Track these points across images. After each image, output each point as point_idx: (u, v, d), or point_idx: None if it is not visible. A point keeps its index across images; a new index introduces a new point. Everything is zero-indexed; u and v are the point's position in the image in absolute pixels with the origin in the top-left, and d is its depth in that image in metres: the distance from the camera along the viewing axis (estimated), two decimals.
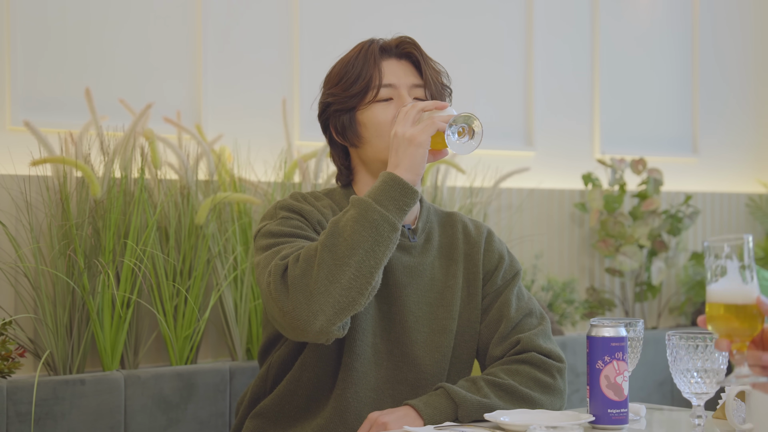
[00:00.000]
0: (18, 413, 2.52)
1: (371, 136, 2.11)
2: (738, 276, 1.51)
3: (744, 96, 4.86)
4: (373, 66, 2.11)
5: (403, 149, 1.96)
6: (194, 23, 3.26)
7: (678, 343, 1.85)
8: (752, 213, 4.71)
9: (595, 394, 1.93)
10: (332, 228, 1.91)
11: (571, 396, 3.52)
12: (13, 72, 2.93)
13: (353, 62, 2.13)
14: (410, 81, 2.13)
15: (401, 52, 2.15)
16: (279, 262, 1.93)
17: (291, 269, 1.90)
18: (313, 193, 2.17)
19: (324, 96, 2.17)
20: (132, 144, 2.86)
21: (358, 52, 2.14)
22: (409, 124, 1.98)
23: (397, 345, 2.10)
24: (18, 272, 2.81)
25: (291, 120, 3.42)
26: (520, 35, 4.10)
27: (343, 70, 2.13)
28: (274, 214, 2.09)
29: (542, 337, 2.15)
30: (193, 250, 2.95)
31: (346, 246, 1.88)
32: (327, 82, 2.18)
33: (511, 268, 2.22)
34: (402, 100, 2.10)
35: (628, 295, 4.24)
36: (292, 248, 1.97)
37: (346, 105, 2.12)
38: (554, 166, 4.17)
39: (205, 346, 3.13)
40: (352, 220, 1.91)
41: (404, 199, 1.93)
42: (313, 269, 1.88)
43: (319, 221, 2.08)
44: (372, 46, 2.14)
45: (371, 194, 1.94)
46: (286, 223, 2.05)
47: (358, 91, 2.10)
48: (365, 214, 1.90)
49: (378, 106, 2.10)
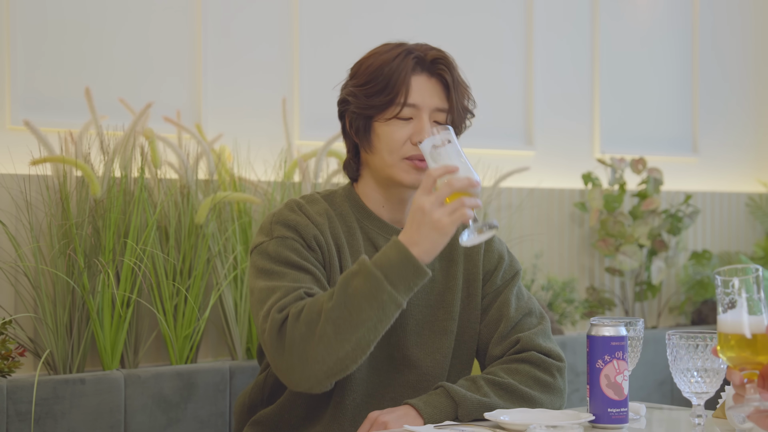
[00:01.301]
0: (18, 412, 2.52)
1: (382, 149, 2.07)
2: (747, 307, 1.54)
3: (744, 95, 4.86)
4: (402, 81, 2.04)
5: (427, 231, 1.88)
6: (194, 22, 3.26)
7: (678, 342, 1.85)
8: (752, 212, 4.71)
9: (595, 394, 1.93)
10: (339, 297, 1.87)
11: (571, 395, 3.52)
12: (13, 71, 2.93)
13: (384, 69, 2.06)
14: (435, 104, 2.07)
15: (434, 71, 2.08)
16: (276, 316, 1.91)
17: (290, 329, 1.89)
18: (311, 197, 2.14)
19: (347, 90, 2.11)
20: (132, 143, 2.86)
21: (393, 59, 2.06)
22: (436, 201, 1.87)
23: (397, 349, 2.10)
24: (18, 271, 2.81)
25: (291, 119, 3.41)
26: (520, 34, 4.10)
27: (372, 74, 2.07)
28: (270, 230, 2.05)
29: (542, 337, 2.14)
30: (193, 250, 2.95)
31: (350, 322, 1.86)
32: (354, 75, 2.11)
33: (511, 268, 2.22)
34: (420, 124, 2.05)
35: (628, 294, 4.24)
36: (288, 292, 1.95)
37: (365, 112, 2.07)
38: (554, 165, 4.17)
39: (205, 346, 3.13)
40: (360, 295, 1.86)
41: (416, 280, 1.88)
42: (314, 338, 1.87)
43: (315, 236, 2.04)
44: (407, 58, 2.06)
45: (383, 267, 1.87)
46: (283, 246, 2.02)
47: (380, 104, 2.05)
48: (375, 293, 1.86)
49: (396, 123, 2.06)
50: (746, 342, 1.54)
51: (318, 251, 2.04)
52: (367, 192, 2.15)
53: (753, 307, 1.54)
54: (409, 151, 2.06)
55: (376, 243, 2.11)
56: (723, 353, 1.57)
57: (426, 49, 2.10)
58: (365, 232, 2.12)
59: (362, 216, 2.13)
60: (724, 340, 1.56)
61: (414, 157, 2.06)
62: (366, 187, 2.15)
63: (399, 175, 2.07)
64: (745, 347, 1.54)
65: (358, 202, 2.14)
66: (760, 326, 1.53)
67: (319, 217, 2.08)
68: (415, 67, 2.06)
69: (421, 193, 1.89)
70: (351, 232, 2.11)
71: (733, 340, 1.54)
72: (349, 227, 2.11)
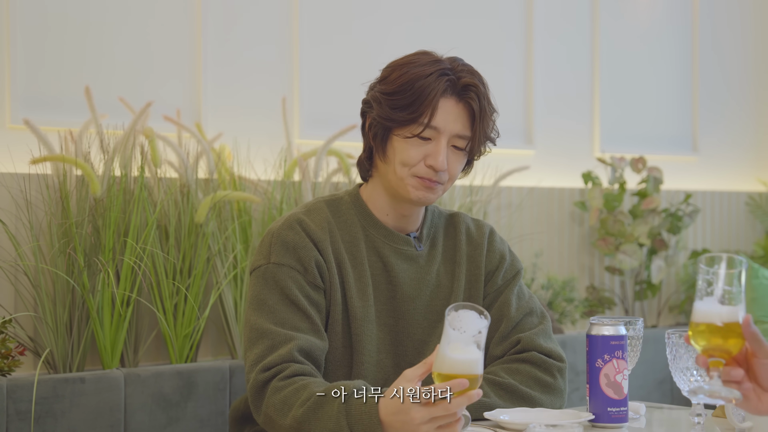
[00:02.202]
0: (18, 411, 2.52)
1: (396, 162, 2.06)
2: (724, 297, 1.54)
3: (744, 95, 4.86)
4: (429, 103, 2.01)
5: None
6: (194, 21, 3.26)
7: (677, 341, 1.85)
8: (752, 212, 4.71)
9: (595, 393, 1.93)
10: (306, 414, 1.85)
11: (571, 394, 3.52)
12: (13, 70, 2.93)
13: (415, 84, 2.02)
14: (457, 130, 2.05)
15: (463, 96, 2.05)
16: (260, 376, 1.94)
17: (269, 397, 1.92)
18: (314, 206, 2.12)
19: (373, 93, 2.08)
20: (132, 142, 2.86)
21: (426, 76, 2.03)
22: (427, 416, 1.73)
23: (404, 358, 2.10)
24: (18, 270, 2.81)
25: (291, 118, 3.41)
26: (520, 33, 4.10)
27: (402, 86, 2.03)
28: (269, 252, 2.05)
29: (543, 337, 2.14)
30: (193, 249, 2.95)
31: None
32: (383, 79, 2.08)
33: (512, 268, 2.22)
34: (437, 148, 2.03)
35: (628, 293, 4.24)
36: (277, 346, 1.95)
37: (386, 122, 2.05)
38: (554, 164, 4.17)
39: (205, 345, 3.13)
40: (324, 430, 1.83)
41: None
42: (280, 420, 1.90)
43: (315, 259, 2.03)
44: (440, 79, 2.03)
45: (354, 425, 1.79)
46: (281, 275, 2.02)
47: (403, 119, 2.03)
48: (337, 431, 1.82)
49: (415, 142, 2.03)
50: (717, 330, 1.53)
51: (317, 276, 2.04)
52: (375, 197, 2.14)
53: (730, 299, 1.53)
54: (421, 171, 2.04)
55: (381, 252, 2.11)
56: (693, 339, 1.56)
57: (461, 71, 2.06)
58: (370, 241, 2.11)
59: (368, 224, 2.12)
60: (696, 327, 1.55)
61: (425, 177, 2.05)
62: (374, 192, 2.14)
63: (406, 191, 2.06)
64: (715, 336, 1.54)
65: (365, 209, 2.13)
66: (733, 316, 1.53)
67: (320, 231, 2.07)
68: (446, 89, 2.03)
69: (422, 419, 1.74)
70: (354, 243, 2.10)
71: (704, 327, 1.54)
72: (353, 237, 2.10)
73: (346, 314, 2.06)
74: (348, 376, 2.07)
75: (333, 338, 2.05)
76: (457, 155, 2.07)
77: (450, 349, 1.72)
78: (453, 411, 1.72)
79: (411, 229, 2.16)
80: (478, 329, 1.72)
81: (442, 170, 2.05)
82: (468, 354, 1.72)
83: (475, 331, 1.72)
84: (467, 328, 1.72)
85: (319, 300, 2.04)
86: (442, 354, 1.73)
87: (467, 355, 1.72)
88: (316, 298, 2.04)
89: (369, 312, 2.07)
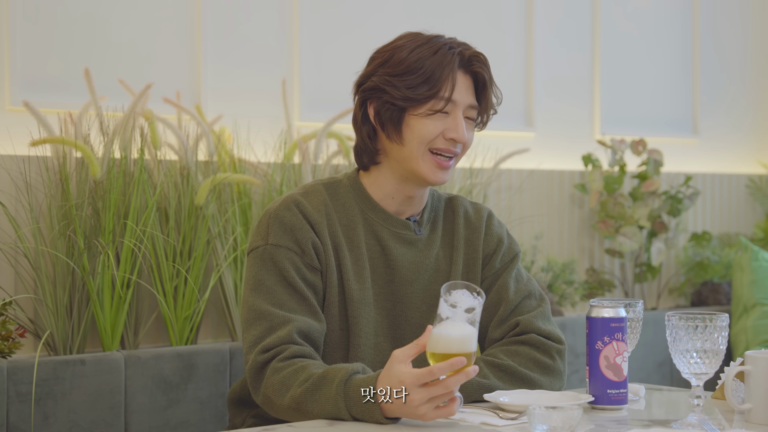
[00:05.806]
0: (18, 393, 2.53)
1: (412, 140, 2.06)
2: None
3: (744, 77, 4.85)
4: (447, 76, 2.04)
5: (407, 413, 1.79)
6: (194, 2, 3.25)
7: (677, 323, 1.85)
8: (752, 194, 4.71)
9: (595, 375, 1.94)
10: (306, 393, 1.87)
11: (571, 376, 3.53)
12: (13, 52, 2.92)
13: (426, 62, 2.04)
14: (469, 101, 2.08)
15: (470, 68, 2.08)
16: (259, 357, 1.96)
17: (267, 378, 1.95)
18: (312, 187, 2.12)
19: (378, 77, 2.07)
20: (131, 124, 2.86)
21: (434, 53, 2.05)
22: (427, 396, 1.77)
23: (402, 341, 2.10)
24: (18, 253, 2.81)
25: (291, 101, 3.41)
26: (520, 15, 4.08)
27: (412, 65, 2.04)
28: (267, 232, 2.06)
29: (541, 319, 2.15)
30: (193, 231, 2.95)
31: (299, 414, 1.89)
32: (385, 64, 2.07)
33: (510, 251, 2.22)
34: (456, 122, 2.06)
35: (628, 275, 4.24)
36: (276, 327, 1.97)
37: (402, 103, 2.05)
38: (554, 146, 4.16)
39: (205, 327, 3.13)
40: (319, 409, 1.86)
41: (372, 419, 1.82)
42: (279, 400, 1.92)
43: (312, 241, 2.04)
44: (450, 53, 2.05)
45: (352, 407, 1.83)
46: (279, 256, 2.03)
47: (422, 97, 2.04)
48: (332, 413, 1.85)
49: (433, 118, 2.05)
50: None
51: (314, 258, 2.05)
52: (379, 182, 2.13)
53: None
54: (440, 144, 2.06)
55: (379, 235, 2.11)
56: None
57: (461, 44, 2.10)
58: (369, 225, 2.11)
59: (367, 208, 2.12)
60: None
61: (442, 150, 2.07)
62: (379, 177, 2.13)
63: (423, 170, 2.07)
64: None
65: (363, 193, 2.13)
66: None
67: (317, 213, 2.07)
68: (458, 63, 2.07)
69: (413, 383, 1.77)
70: (351, 226, 2.10)
71: None
72: (350, 221, 2.10)
73: (343, 297, 2.07)
74: (345, 358, 2.08)
75: (330, 320, 2.06)
76: (469, 126, 2.11)
77: (443, 327, 1.77)
78: (451, 389, 1.76)
79: (413, 213, 2.16)
80: (471, 306, 1.78)
81: (463, 141, 2.08)
82: (462, 330, 1.77)
83: (468, 308, 1.77)
84: (460, 306, 1.78)
85: (316, 282, 2.05)
86: (437, 333, 1.77)
87: (461, 331, 1.77)
88: (313, 280, 2.04)
89: (366, 295, 2.08)
